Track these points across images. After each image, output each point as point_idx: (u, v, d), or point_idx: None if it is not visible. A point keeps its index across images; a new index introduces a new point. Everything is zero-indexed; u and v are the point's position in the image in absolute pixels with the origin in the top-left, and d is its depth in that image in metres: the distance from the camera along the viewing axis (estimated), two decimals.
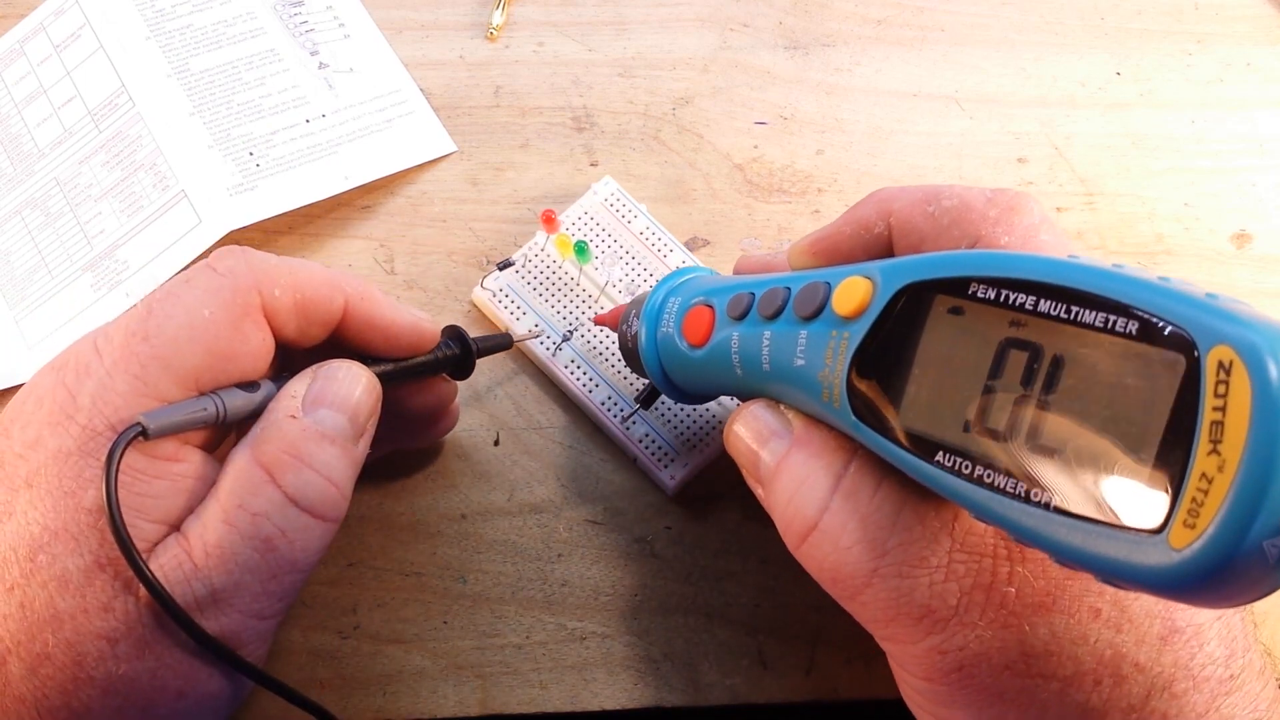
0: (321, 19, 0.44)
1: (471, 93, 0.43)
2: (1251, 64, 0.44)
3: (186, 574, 0.25)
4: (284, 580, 0.26)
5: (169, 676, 0.25)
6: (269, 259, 0.28)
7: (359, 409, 0.28)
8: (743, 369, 0.27)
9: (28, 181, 0.41)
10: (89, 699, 0.24)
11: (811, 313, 0.24)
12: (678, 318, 0.29)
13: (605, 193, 0.39)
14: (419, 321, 0.30)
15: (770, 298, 0.26)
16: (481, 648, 0.33)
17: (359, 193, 0.40)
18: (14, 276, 0.39)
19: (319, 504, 0.26)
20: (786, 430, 0.26)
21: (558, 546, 0.34)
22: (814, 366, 0.24)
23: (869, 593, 0.24)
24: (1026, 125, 0.43)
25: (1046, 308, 0.19)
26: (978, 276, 0.21)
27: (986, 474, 0.20)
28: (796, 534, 0.25)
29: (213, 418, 0.26)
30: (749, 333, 0.26)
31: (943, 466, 0.21)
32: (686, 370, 0.30)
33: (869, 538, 0.24)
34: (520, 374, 0.37)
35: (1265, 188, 0.42)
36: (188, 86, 0.41)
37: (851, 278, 0.24)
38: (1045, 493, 0.19)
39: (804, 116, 0.43)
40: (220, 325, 0.26)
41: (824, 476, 0.25)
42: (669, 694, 0.33)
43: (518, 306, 0.37)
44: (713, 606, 0.34)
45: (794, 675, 0.33)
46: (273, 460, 0.26)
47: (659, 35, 0.44)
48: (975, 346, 0.21)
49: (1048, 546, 0.19)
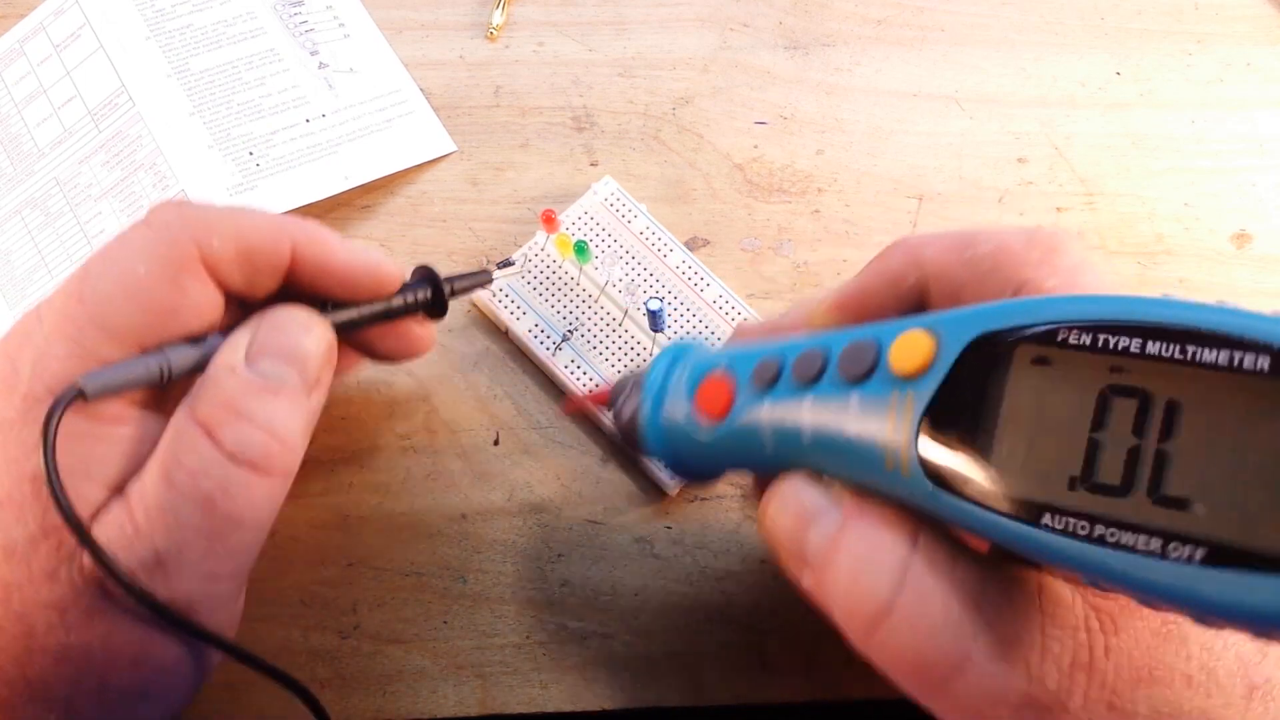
0: (321, 19, 0.44)
1: (471, 93, 0.43)
2: (1251, 64, 0.44)
3: (129, 537, 0.24)
4: (231, 539, 0.25)
5: (121, 645, 0.24)
6: (207, 208, 0.27)
7: (307, 359, 0.26)
8: (775, 443, 0.24)
9: (28, 181, 0.41)
10: (43, 669, 0.24)
11: (863, 373, 0.22)
12: (688, 390, 0.27)
13: (605, 193, 0.39)
14: (378, 263, 0.29)
15: (806, 361, 0.23)
16: (481, 648, 0.33)
17: (359, 193, 0.40)
18: (14, 276, 0.39)
19: (260, 459, 0.25)
20: (834, 506, 0.23)
21: (558, 546, 0.34)
22: (871, 433, 0.22)
23: (962, 680, 0.21)
24: (1026, 125, 0.43)
25: (1155, 349, 0.18)
26: (1067, 322, 0.19)
27: (1110, 533, 0.18)
28: (867, 620, 0.22)
29: (155, 376, 0.25)
30: (783, 401, 0.24)
31: (1053, 530, 0.19)
32: (702, 449, 0.26)
33: (954, 619, 0.21)
34: (520, 374, 0.37)
35: (1265, 188, 0.42)
36: (188, 86, 0.41)
37: (909, 332, 0.21)
38: (1186, 546, 0.17)
39: (804, 116, 0.43)
40: (156, 281, 0.25)
41: (893, 552, 0.22)
42: (669, 694, 0.33)
43: (518, 306, 0.37)
44: (713, 606, 0.34)
45: (794, 675, 0.33)
46: (208, 416, 0.25)
47: (659, 35, 0.44)
48: (1072, 397, 0.19)
49: (1195, 605, 0.17)
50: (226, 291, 0.27)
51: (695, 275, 0.38)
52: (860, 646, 0.23)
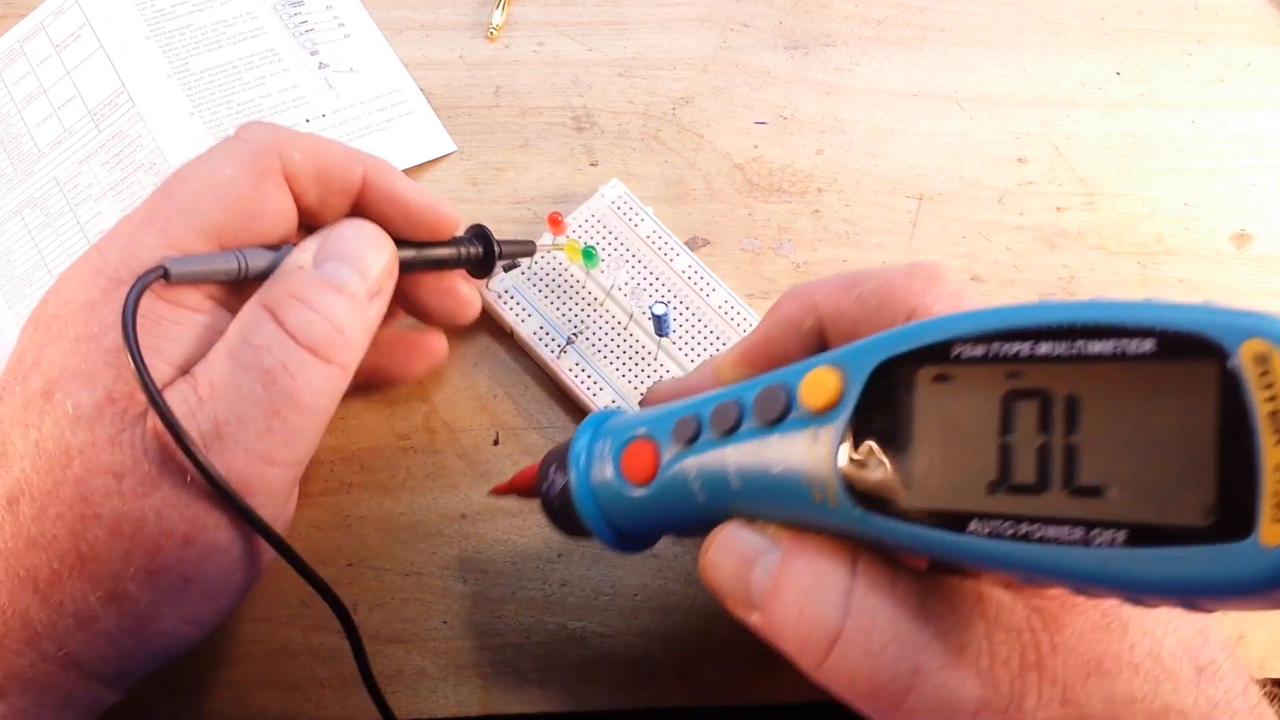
0: (321, 19, 0.44)
1: (471, 93, 0.43)
2: (1251, 64, 0.44)
3: (192, 407, 0.25)
4: (289, 420, 0.26)
5: (175, 518, 0.25)
6: (290, 130, 0.29)
7: (368, 263, 0.28)
8: (705, 494, 0.25)
9: (28, 181, 0.41)
10: (95, 539, 0.24)
11: (777, 416, 0.23)
12: (614, 458, 0.27)
13: (612, 195, 0.39)
14: (439, 203, 0.31)
15: (721, 413, 0.24)
16: (481, 648, 0.33)
17: None
18: (14, 276, 0.39)
19: (320, 343, 0.26)
20: (773, 545, 0.24)
21: (558, 546, 0.34)
22: (795, 470, 0.22)
23: (915, 695, 0.22)
24: (1026, 125, 0.43)
25: (1045, 350, 0.19)
26: (958, 338, 0.20)
27: (1034, 529, 0.19)
28: (817, 649, 0.23)
29: (234, 270, 0.27)
30: (706, 453, 0.24)
31: (980, 535, 0.19)
32: (633, 513, 0.27)
33: (902, 634, 0.22)
34: (520, 374, 0.37)
35: (1265, 188, 0.42)
36: (188, 86, 0.41)
37: (816, 370, 0.22)
38: (1107, 531, 0.18)
39: (804, 116, 0.43)
40: (241, 183, 0.27)
41: (835, 578, 0.22)
42: (669, 694, 0.33)
43: (523, 308, 0.37)
44: (713, 606, 0.34)
45: (794, 675, 0.33)
46: (275, 300, 0.26)
47: (659, 35, 0.44)
48: (977, 407, 0.20)
49: (1125, 586, 0.18)
50: (301, 206, 0.29)
51: (701, 280, 0.38)
52: (816, 677, 0.23)
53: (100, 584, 0.25)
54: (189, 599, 0.26)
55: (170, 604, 0.26)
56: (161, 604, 0.26)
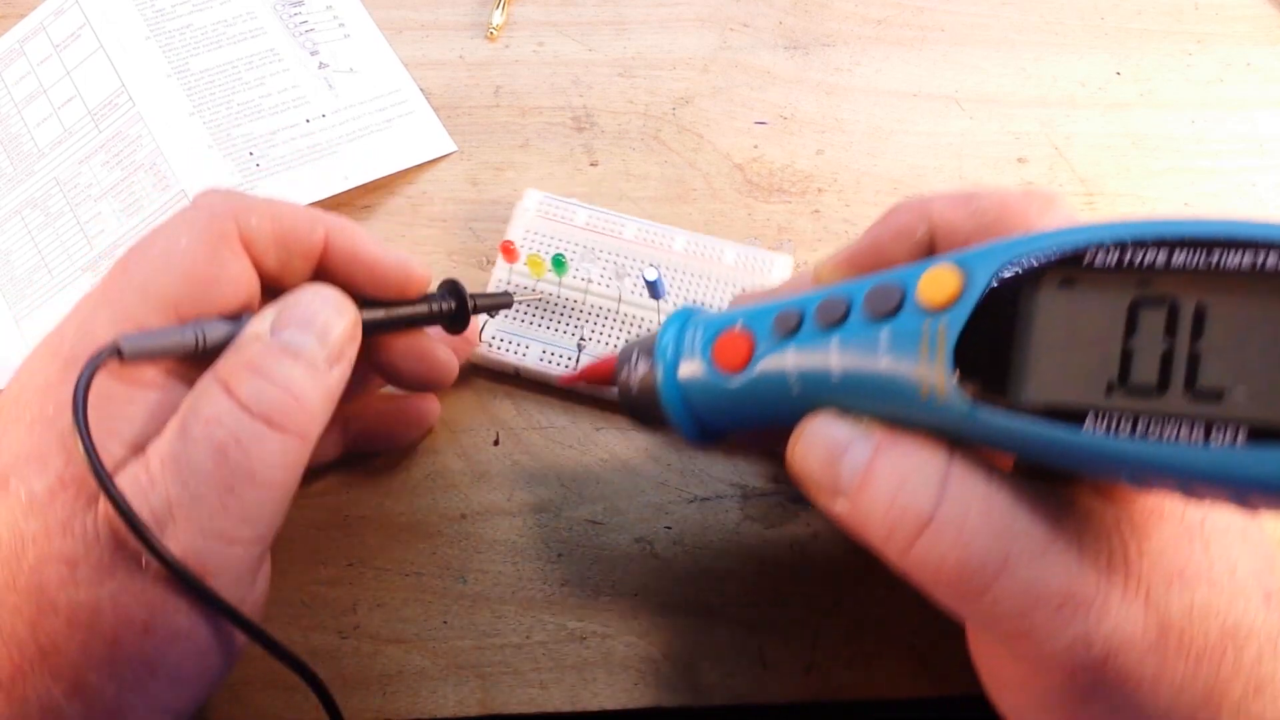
0: (321, 19, 0.44)
1: (471, 93, 0.43)
2: (1251, 64, 0.44)
3: (143, 487, 0.24)
4: (245, 496, 0.25)
5: (132, 605, 0.24)
6: (247, 195, 0.28)
7: (328, 328, 0.27)
8: (801, 385, 0.25)
9: (28, 181, 0.41)
10: (53, 631, 0.24)
11: (890, 310, 0.23)
12: (704, 346, 0.27)
13: (534, 203, 0.38)
14: (406, 261, 0.30)
15: (829, 306, 0.24)
16: (481, 648, 0.33)
17: (359, 193, 0.40)
18: (14, 276, 0.39)
19: (275, 412, 0.25)
20: (865, 437, 0.24)
21: (558, 546, 0.34)
22: (904, 365, 0.23)
23: (1002, 584, 0.22)
24: (1026, 125, 0.43)
25: (1180, 261, 0.19)
26: (1093, 244, 0.20)
27: (1152, 426, 0.19)
28: (907, 534, 0.23)
29: (191, 344, 0.26)
30: (808, 345, 0.25)
31: (1097, 430, 0.20)
32: (719, 402, 0.27)
33: (995, 523, 0.22)
34: (520, 374, 0.37)
35: (1265, 188, 0.42)
36: (188, 86, 0.41)
37: (937, 267, 0.23)
38: (1227, 430, 0.18)
39: (804, 116, 0.43)
40: (197, 252, 0.27)
41: (932, 466, 0.23)
42: (669, 694, 0.33)
43: (518, 344, 0.36)
44: (713, 606, 0.34)
45: (794, 675, 0.33)
46: (228, 372, 0.25)
47: (659, 35, 0.44)
48: (1102, 312, 0.20)
49: (1239, 484, 0.18)
50: (261, 272, 0.28)
51: (657, 236, 0.38)
52: (898, 563, 0.23)
53: (62, 677, 0.24)
54: (156, 688, 0.25)
55: (137, 694, 0.25)
56: (128, 694, 0.25)
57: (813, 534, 0.35)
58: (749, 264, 0.38)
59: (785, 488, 0.35)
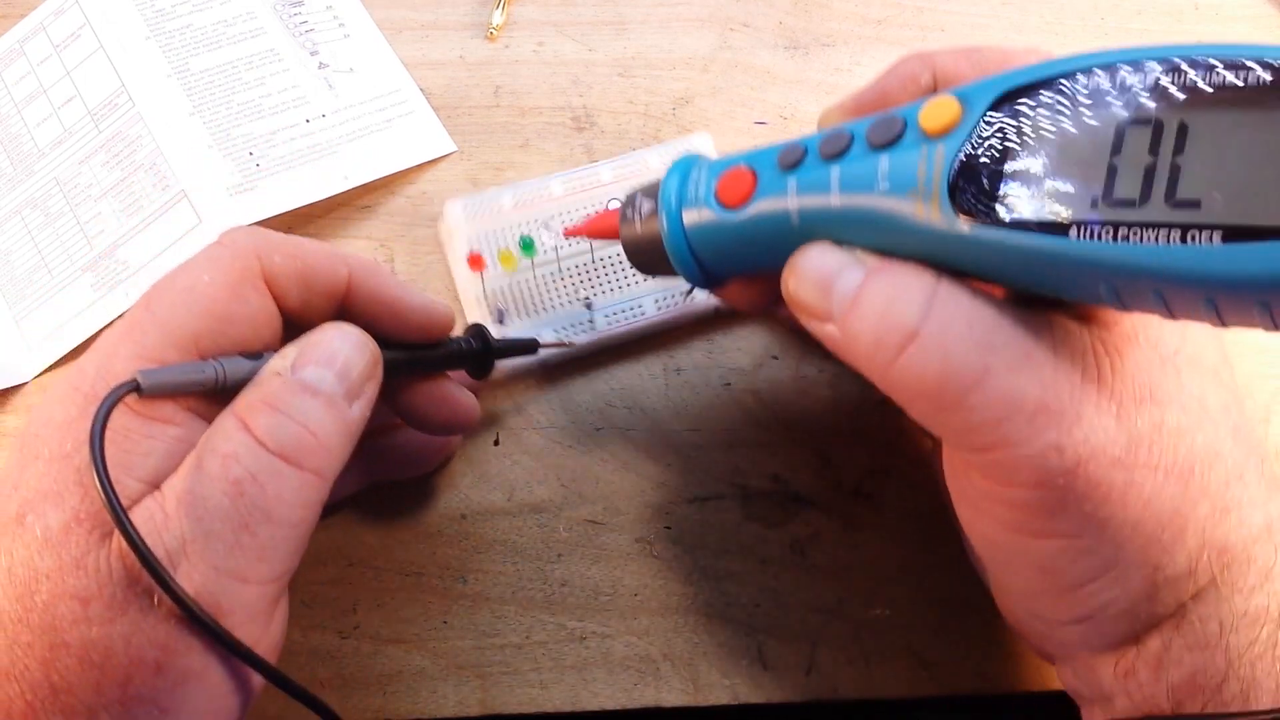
0: (321, 19, 0.44)
1: (471, 93, 0.43)
2: None
3: (158, 524, 0.24)
4: (260, 534, 0.24)
5: (144, 644, 0.24)
6: (272, 233, 0.28)
7: (348, 365, 0.27)
8: (802, 217, 0.26)
9: (28, 181, 0.41)
10: (66, 669, 0.23)
11: (892, 138, 0.24)
12: (708, 185, 0.28)
13: (459, 210, 0.38)
14: (431, 303, 0.30)
15: (831, 140, 0.25)
16: (481, 648, 0.33)
17: (359, 193, 0.40)
18: (14, 276, 0.39)
19: (293, 449, 0.25)
20: (858, 264, 0.25)
21: (558, 546, 0.34)
22: (901, 188, 0.24)
23: (979, 393, 0.23)
24: None
25: (1165, 82, 0.21)
26: (1083, 68, 0.22)
27: (1133, 232, 0.20)
28: (892, 348, 0.24)
29: (211, 381, 0.26)
30: (810, 175, 0.26)
31: (1081, 238, 0.21)
32: (722, 239, 0.28)
33: (976, 336, 0.23)
34: (521, 374, 0.37)
35: None
36: (188, 86, 0.41)
37: (937, 97, 0.24)
38: (1204, 232, 0.19)
39: (804, 116, 0.43)
40: (219, 289, 0.26)
41: (919, 287, 0.24)
42: (669, 694, 0.33)
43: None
44: (713, 606, 0.34)
45: (794, 675, 0.33)
46: (246, 407, 0.25)
47: (659, 35, 0.44)
48: (1090, 133, 0.21)
49: (1216, 282, 0.19)
50: (284, 310, 0.28)
51: (583, 179, 0.38)
52: (880, 378, 0.25)
53: (74, 715, 0.24)
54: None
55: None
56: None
57: (813, 534, 0.35)
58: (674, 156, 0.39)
59: (785, 487, 0.35)
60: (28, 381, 0.37)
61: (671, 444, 0.36)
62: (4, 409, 0.37)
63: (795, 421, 0.36)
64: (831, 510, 0.35)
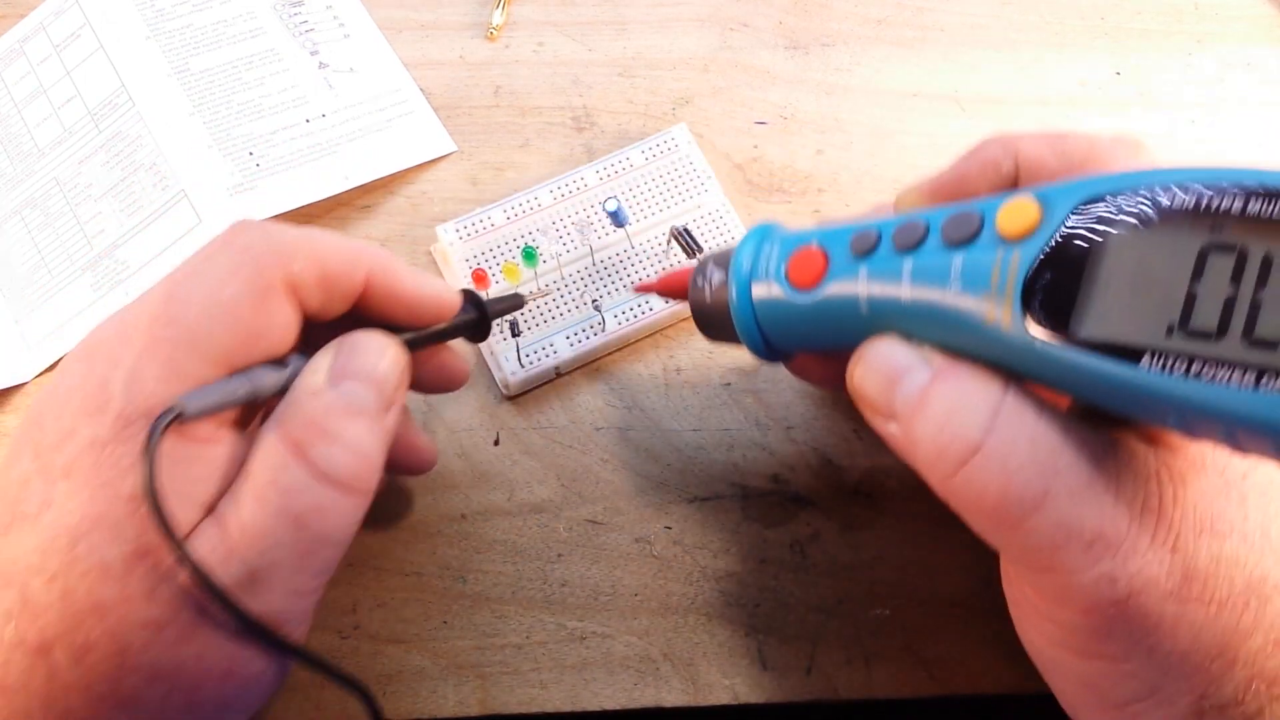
0: (321, 19, 0.44)
1: (471, 93, 0.43)
2: (1251, 64, 0.44)
3: (222, 557, 0.25)
4: (319, 556, 0.26)
5: (214, 660, 0.25)
6: (286, 231, 0.28)
7: (385, 380, 0.27)
8: (870, 306, 0.26)
9: (28, 181, 0.41)
10: (135, 686, 0.24)
11: (968, 237, 0.24)
12: (779, 262, 0.28)
13: (450, 234, 0.38)
14: (441, 292, 0.30)
15: (907, 230, 0.25)
16: (481, 648, 0.33)
17: (359, 193, 0.40)
18: (14, 276, 0.39)
19: (348, 478, 0.26)
20: (924, 364, 0.25)
21: (558, 546, 0.34)
22: (973, 291, 0.23)
23: (1038, 517, 0.23)
24: (1026, 125, 0.43)
25: (1255, 209, 0.20)
26: (1170, 186, 0.21)
27: (1206, 369, 0.20)
28: (953, 460, 0.24)
29: (246, 396, 0.26)
30: (882, 266, 0.25)
31: (1152, 368, 0.20)
32: (790, 318, 0.28)
33: (1039, 458, 0.23)
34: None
35: None
36: (188, 86, 0.41)
37: (1017, 198, 0.23)
38: (1278, 377, 0.19)
39: (804, 116, 0.43)
40: (245, 303, 0.26)
41: (983, 399, 0.23)
42: (669, 694, 0.33)
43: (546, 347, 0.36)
44: (713, 606, 0.34)
45: (794, 675, 0.33)
46: (299, 437, 0.26)
47: (659, 35, 0.44)
48: (1171, 254, 0.21)
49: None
50: (303, 313, 0.28)
51: (569, 185, 0.39)
52: (941, 488, 0.24)
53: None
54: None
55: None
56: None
57: (813, 534, 0.35)
58: (655, 150, 0.40)
59: (785, 487, 0.35)
60: (28, 381, 0.37)
61: (671, 444, 0.36)
62: (4, 409, 0.37)
63: (795, 421, 0.36)
64: (831, 510, 0.35)
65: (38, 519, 0.25)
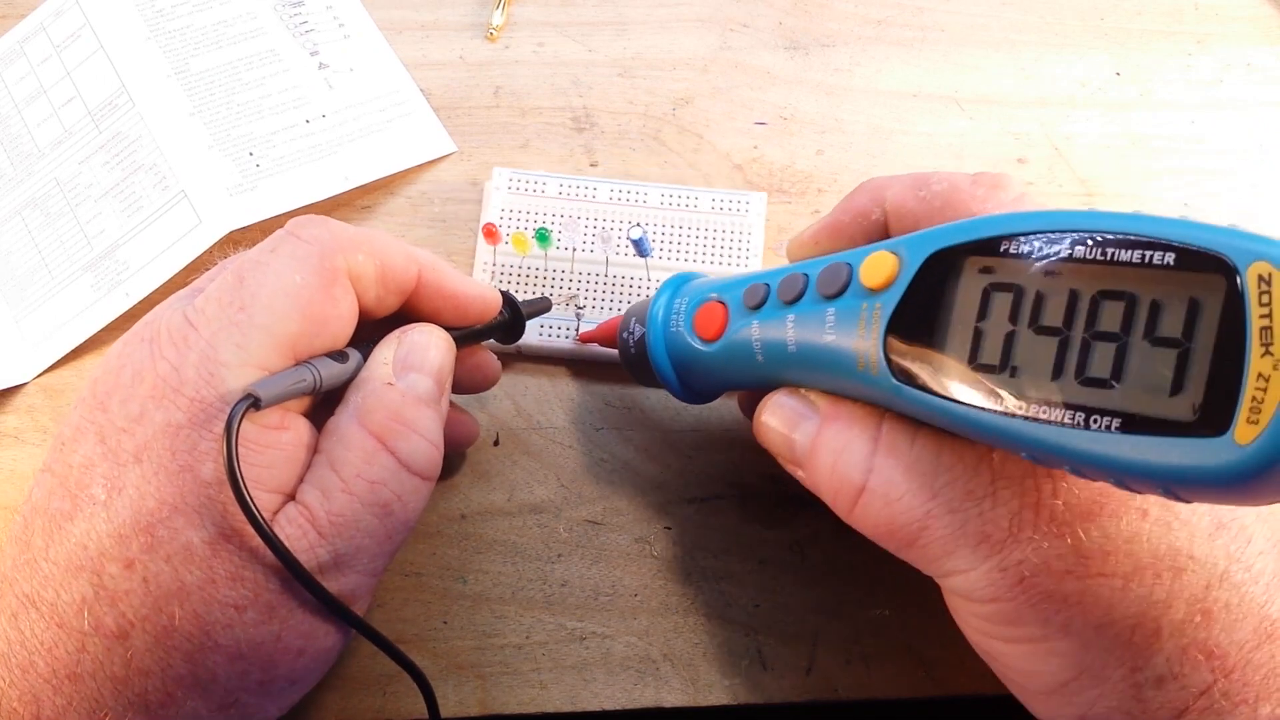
0: (321, 19, 0.44)
1: (471, 93, 0.43)
2: (1251, 64, 0.44)
3: (311, 542, 0.26)
4: (396, 540, 0.28)
5: (292, 637, 0.26)
6: (347, 227, 0.29)
7: (442, 370, 0.29)
8: (764, 355, 0.28)
9: (28, 181, 0.41)
10: (215, 665, 0.25)
11: (837, 290, 0.26)
12: (687, 316, 0.30)
13: (504, 180, 0.39)
14: (483, 292, 0.31)
15: (789, 284, 0.27)
16: (481, 648, 0.33)
17: (359, 193, 0.40)
18: (14, 276, 0.39)
19: (425, 466, 0.28)
20: (813, 411, 0.27)
21: (558, 546, 0.34)
22: (845, 340, 0.25)
23: (926, 535, 0.25)
24: (1026, 125, 0.43)
25: (1081, 253, 0.21)
26: (1009, 234, 0.22)
27: (1042, 411, 0.21)
28: (847, 500, 0.26)
29: (311, 386, 0.27)
30: (770, 319, 0.28)
31: (995, 413, 0.22)
32: (701, 367, 0.30)
33: (916, 485, 0.25)
34: (520, 374, 0.37)
35: (1265, 188, 0.42)
36: (188, 86, 0.41)
37: (877, 253, 0.25)
38: (1106, 417, 0.20)
39: (804, 116, 0.43)
40: (313, 291, 0.27)
41: (861, 441, 0.26)
42: (669, 694, 0.33)
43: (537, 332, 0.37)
44: (713, 606, 0.34)
45: (794, 675, 0.33)
46: (382, 428, 0.27)
47: (659, 35, 0.44)
48: (1003, 300, 0.22)
49: (1114, 468, 0.20)
50: (360, 307, 0.29)
51: (631, 194, 0.39)
52: (847, 521, 0.27)
53: (214, 699, 0.25)
54: (292, 695, 0.28)
55: (275, 702, 0.27)
56: (269, 705, 0.27)
57: (813, 534, 0.35)
58: (725, 206, 0.39)
59: (785, 487, 0.35)
60: (28, 381, 0.37)
61: (671, 444, 0.36)
62: (4, 409, 0.37)
63: None
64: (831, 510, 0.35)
65: (108, 504, 0.25)
